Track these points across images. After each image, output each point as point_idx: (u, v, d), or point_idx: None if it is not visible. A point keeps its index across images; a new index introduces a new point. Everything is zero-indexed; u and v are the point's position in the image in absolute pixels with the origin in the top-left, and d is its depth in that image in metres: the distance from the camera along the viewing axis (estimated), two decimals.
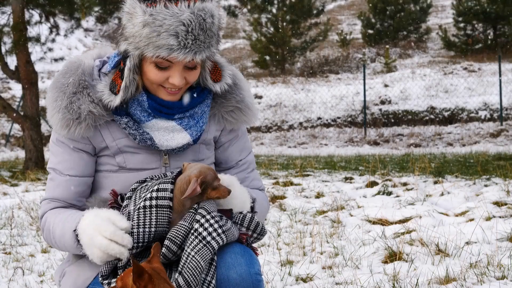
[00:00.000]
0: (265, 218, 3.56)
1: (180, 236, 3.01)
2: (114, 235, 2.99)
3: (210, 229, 3.01)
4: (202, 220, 3.01)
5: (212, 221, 3.02)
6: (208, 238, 3.00)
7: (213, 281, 3.00)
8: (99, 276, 3.06)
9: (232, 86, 3.44)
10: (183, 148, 3.33)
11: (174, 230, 3.02)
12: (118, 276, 2.85)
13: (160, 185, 3.09)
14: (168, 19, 3.00)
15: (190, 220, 3.03)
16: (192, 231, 3.01)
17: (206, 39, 3.08)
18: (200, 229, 3.00)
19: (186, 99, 3.30)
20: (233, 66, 3.50)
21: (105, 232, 2.99)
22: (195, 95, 3.32)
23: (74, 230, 3.11)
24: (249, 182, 3.56)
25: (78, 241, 3.10)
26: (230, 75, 3.42)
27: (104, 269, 3.05)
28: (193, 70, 3.19)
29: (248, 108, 3.49)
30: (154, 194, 3.06)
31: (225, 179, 3.24)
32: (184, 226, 3.02)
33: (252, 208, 3.33)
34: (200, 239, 2.99)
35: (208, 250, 2.98)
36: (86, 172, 3.33)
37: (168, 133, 3.29)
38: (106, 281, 3.02)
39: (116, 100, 3.20)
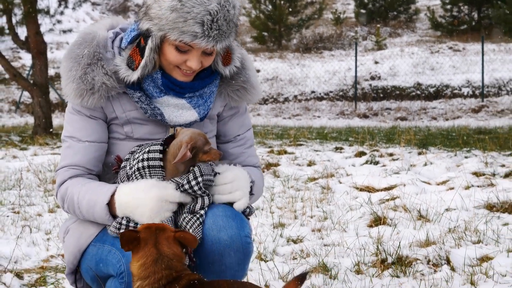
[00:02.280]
0: (260, 196, 3.58)
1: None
2: (181, 197, 3.08)
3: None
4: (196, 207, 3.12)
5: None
6: (202, 212, 3.10)
7: (203, 213, 3.10)
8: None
9: (239, 67, 3.43)
10: (190, 124, 3.34)
11: None
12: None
13: (151, 147, 3.12)
14: (197, 7, 2.98)
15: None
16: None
17: (227, 30, 3.08)
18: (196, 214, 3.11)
19: (197, 80, 3.29)
20: (242, 49, 3.49)
21: (174, 198, 3.07)
22: (205, 77, 3.31)
23: (108, 204, 3.12)
24: (245, 158, 3.57)
25: (111, 213, 3.13)
26: (239, 58, 3.41)
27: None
28: (210, 56, 3.19)
29: (253, 88, 3.49)
30: (145, 156, 3.09)
31: (227, 167, 3.25)
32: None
33: (251, 189, 3.34)
34: (195, 215, 3.10)
35: (201, 225, 3.07)
36: (103, 138, 3.33)
37: (178, 110, 3.29)
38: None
39: (133, 76, 3.18)
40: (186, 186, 3.05)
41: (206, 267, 3.08)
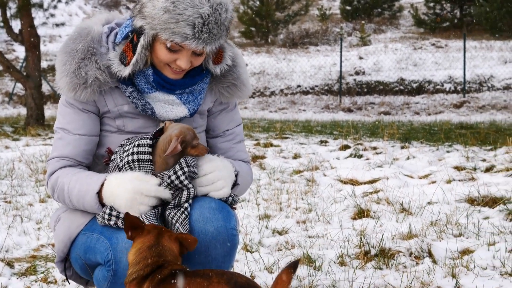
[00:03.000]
0: (248, 188, 3.55)
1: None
2: (157, 191, 3.06)
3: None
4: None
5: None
6: (186, 205, 3.09)
7: (188, 206, 3.09)
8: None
9: (231, 65, 3.41)
10: (180, 119, 3.33)
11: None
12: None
13: (140, 140, 3.13)
14: (189, 9, 2.96)
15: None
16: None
17: (218, 32, 3.06)
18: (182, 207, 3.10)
19: (188, 78, 3.28)
20: (234, 47, 3.48)
21: (148, 192, 3.05)
22: (195, 75, 3.30)
23: (98, 193, 3.12)
24: (234, 153, 3.54)
25: (100, 202, 3.13)
26: (230, 56, 3.39)
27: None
28: (200, 56, 3.18)
29: (243, 85, 3.47)
30: (135, 149, 3.10)
31: (208, 158, 3.22)
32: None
33: (236, 180, 3.32)
34: (179, 209, 3.10)
35: (187, 218, 3.06)
36: (94, 131, 3.33)
37: (168, 106, 3.29)
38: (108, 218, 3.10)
39: (125, 71, 3.18)
40: (173, 177, 3.05)
41: (192, 258, 3.07)
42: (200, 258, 3.07)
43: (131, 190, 3.02)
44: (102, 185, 3.12)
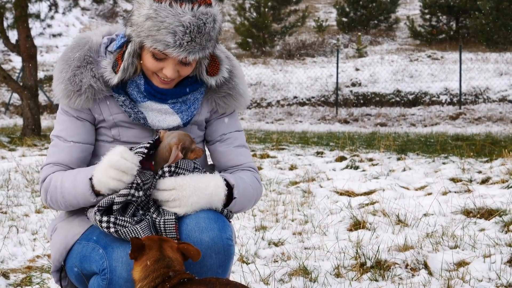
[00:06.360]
0: (255, 200, 3.46)
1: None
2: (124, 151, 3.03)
3: None
4: None
5: None
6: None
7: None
8: (96, 208, 3.04)
9: (227, 77, 3.41)
10: (174, 129, 3.32)
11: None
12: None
13: (137, 149, 3.12)
14: (170, 17, 2.97)
15: None
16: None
17: (202, 42, 3.04)
18: None
19: (179, 87, 3.29)
20: (233, 60, 3.47)
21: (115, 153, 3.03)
22: (188, 85, 3.31)
23: (90, 178, 3.09)
24: (234, 156, 3.49)
25: (93, 187, 3.09)
26: (227, 69, 3.38)
27: (102, 203, 3.04)
28: (187, 66, 3.17)
29: (239, 95, 3.46)
30: None
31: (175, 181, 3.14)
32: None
33: (231, 194, 3.25)
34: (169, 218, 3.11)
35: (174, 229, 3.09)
36: (88, 140, 3.34)
37: (161, 115, 3.29)
38: (99, 218, 3.03)
39: (114, 79, 3.20)
40: (160, 172, 3.09)
41: (187, 268, 3.05)
42: (195, 268, 3.06)
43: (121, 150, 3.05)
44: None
